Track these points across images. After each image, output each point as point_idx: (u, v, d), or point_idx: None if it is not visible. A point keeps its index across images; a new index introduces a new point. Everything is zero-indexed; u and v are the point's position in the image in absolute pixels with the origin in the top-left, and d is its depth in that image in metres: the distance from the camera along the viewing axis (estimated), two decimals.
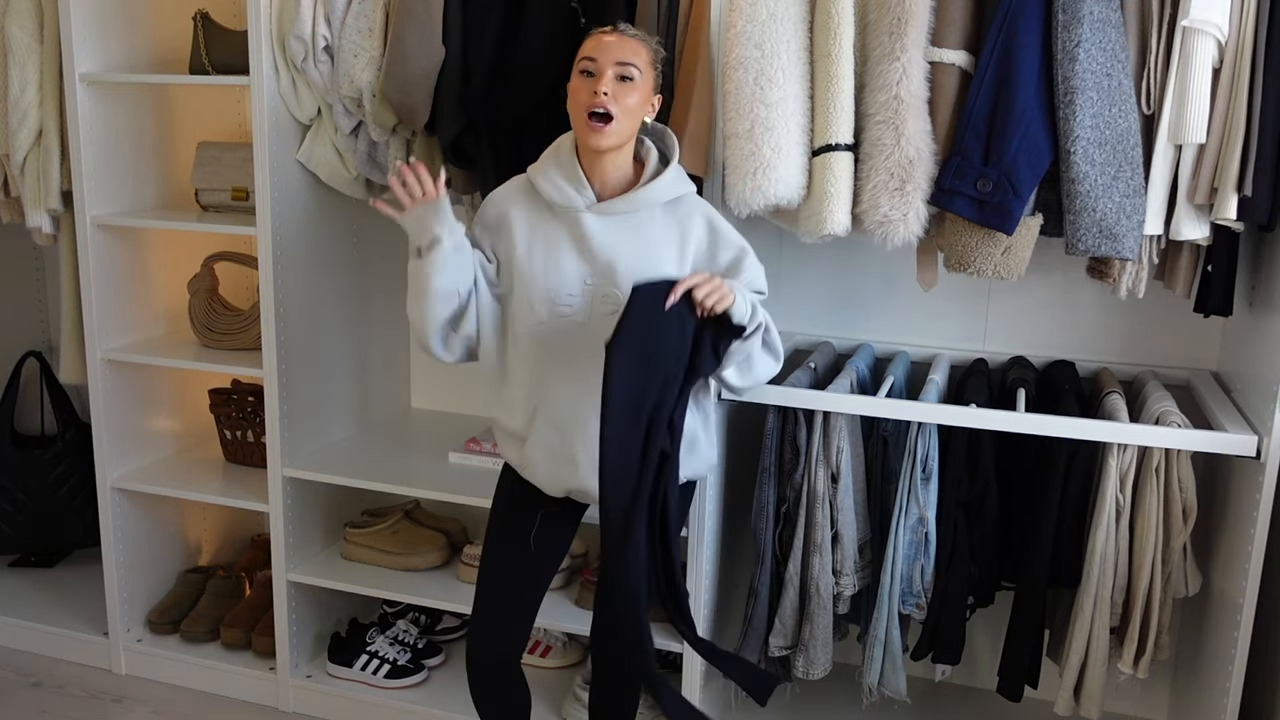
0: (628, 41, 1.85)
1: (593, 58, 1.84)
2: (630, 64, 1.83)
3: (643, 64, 1.85)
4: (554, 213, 1.93)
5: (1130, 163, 1.95)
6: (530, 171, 1.97)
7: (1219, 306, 2.11)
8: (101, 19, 2.62)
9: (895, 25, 1.98)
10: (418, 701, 2.64)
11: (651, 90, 1.89)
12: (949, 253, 2.09)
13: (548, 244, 1.92)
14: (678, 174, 1.95)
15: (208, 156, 2.79)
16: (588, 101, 1.83)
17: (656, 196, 1.91)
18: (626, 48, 1.84)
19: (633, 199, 1.90)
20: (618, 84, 1.83)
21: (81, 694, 2.77)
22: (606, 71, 1.82)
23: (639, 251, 1.90)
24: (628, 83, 1.83)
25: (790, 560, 2.27)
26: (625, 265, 1.89)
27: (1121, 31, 1.95)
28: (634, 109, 1.85)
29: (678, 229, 1.92)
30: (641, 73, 1.85)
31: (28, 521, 3.12)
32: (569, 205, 1.91)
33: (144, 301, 2.85)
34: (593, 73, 1.84)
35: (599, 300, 1.90)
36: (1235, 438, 2.00)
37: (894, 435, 2.28)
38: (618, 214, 1.91)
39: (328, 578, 2.67)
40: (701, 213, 1.95)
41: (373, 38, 2.35)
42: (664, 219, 1.92)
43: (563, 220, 1.93)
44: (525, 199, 1.96)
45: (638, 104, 1.85)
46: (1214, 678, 2.15)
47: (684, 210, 1.94)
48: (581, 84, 1.85)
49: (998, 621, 2.45)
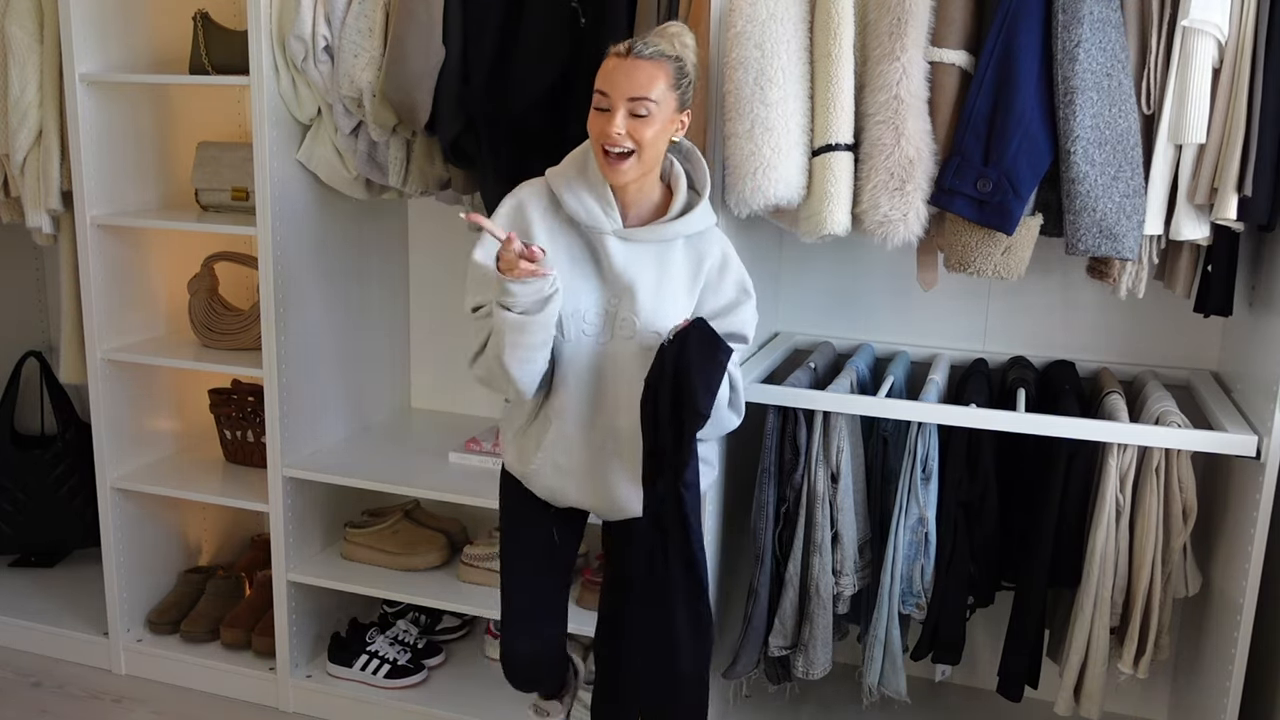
0: (640, 67, 1.72)
1: (604, 92, 1.74)
2: (643, 99, 1.71)
3: (660, 92, 1.73)
4: (576, 229, 1.88)
5: (1130, 163, 1.95)
6: (551, 179, 1.88)
7: (1219, 306, 2.11)
8: (101, 19, 2.62)
9: (895, 25, 1.97)
10: (418, 701, 2.64)
11: (674, 112, 1.78)
12: (949, 253, 2.09)
13: (572, 260, 1.87)
14: (707, 209, 1.90)
15: (208, 156, 2.79)
16: (601, 138, 1.74)
17: (684, 230, 1.87)
18: (639, 79, 1.71)
19: (660, 230, 1.85)
20: (631, 120, 1.72)
21: (81, 694, 2.77)
22: (619, 108, 1.72)
23: (658, 280, 1.86)
24: (642, 118, 1.72)
25: (790, 560, 2.27)
26: (644, 292, 1.85)
27: (1121, 31, 1.95)
28: (652, 140, 1.74)
29: (695, 259, 1.90)
30: (658, 102, 1.73)
31: (28, 521, 3.13)
32: (596, 227, 1.85)
33: (144, 301, 2.85)
34: (605, 108, 1.74)
35: (618, 325, 1.86)
36: (1235, 438, 2.00)
37: (894, 435, 2.28)
38: (642, 241, 1.87)
39: (328, 578, 2.67)
40: (720, 247, 1.92)
41: (373, 38, 2.34)
42: (685, 249, 1.90)
43: (585, 239, 1.87)
44: (547, 209, 1.88)
45: (656, 135, 1.74)
46: (1214, 678, 2.15)
47: (705, 242, 1.91)
48: (596, 117, 1.75)
49: (998, 621, 2.45)
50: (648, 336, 1.84)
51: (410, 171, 2.51)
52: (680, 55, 1.76)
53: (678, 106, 1.78)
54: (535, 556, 2.04)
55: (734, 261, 1.93)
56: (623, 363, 1.87)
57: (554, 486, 1.96)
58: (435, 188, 2.56)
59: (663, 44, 1.75)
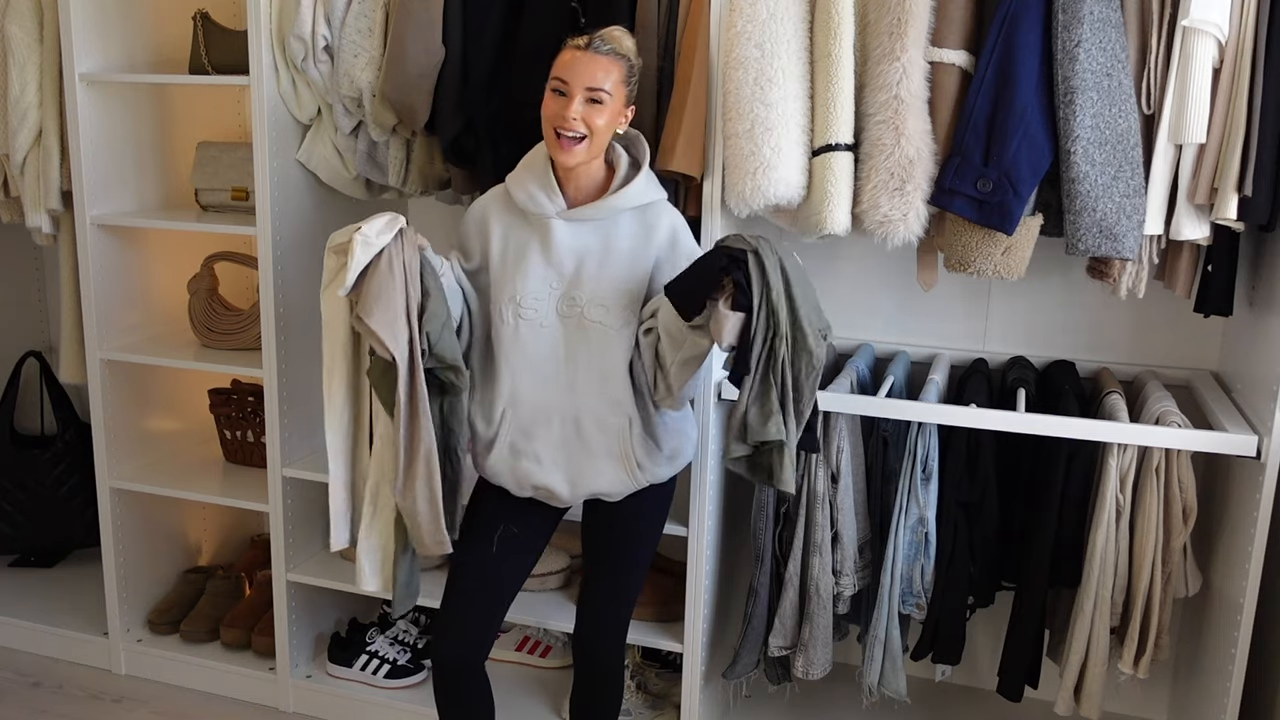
0: (598, 61, 1.86)
1: (564, 79, 1.86)
2: (599, 89, 1.85)
3: (613, 84, 1.87)
4: (527, 219, 1.97)
5: (1130, 163, 1.95)
6: (508, 179, 2.01)
7: (1219, 306, 2.11)
8: (101, 19, 2.61)
9: (895, 25, 1.98)
10: (418, 701, 2.64)
11: (623, 105, 1.92)
12: (949, 253, 2.09)
13: (517, 250, 1.97)
14: (648, 180, 1.98)
15: (208, 156, 2.79)
16: (557, 121, 1.86)
17: (626, 203, 1.95)
18: (597, 70, 1.85)
19: (602, 206, 1.94)
20: (587, 107, 1.86)
21: (81, 694, 2.77)
22: (576, 95, 1.85)
23: (601, 256, 1.94)
24: (597, 105, 1.86)
25: (790, 560, 2.27)
26: (590, 270, 1.94)
27: (1121, 31, 1.95)
28: (603, 128, 1.88)
29: (643, 231, 1.96)
30: (612, 94, 1.87)
31: (28, 521, 3.13)
32: (540, 212, 1.95)
33: (144, 301, 2.85)
34: (563, 93, 1.86)
35: (563, 304, 1.94)
36: (1235, 438, 2.01)
37: (894, 435, 2.28)
38: (587, 220, 1.95)
39: (328, 578, 2.67)
40: (668, 220, 1.98)
41: (373, 38, 2.34)
42: (631, 224, 1.96)
43: (534, 227, 1.97)
44: (503, 206, 2.01)
45: (607, 123, 1.88)
46: (1214, 678, 2.15)
47: (652, 215, 1.97)
48: (552, 101, 1.88)
49: (998, 621, 2.45)
50: (592, 312, 1.93)
51: (410, 171, 2.51)
52: (629, 56, 1.91)
53: (626, 101, 1.93)
54: (478, 572, 2.04)
55: (683, 233, 1.99)
56: (570, 341, 1.94)
57: (511, 468, 1.99)
58: (435, 188, 2.56)
59: (614, 44, 1.89)
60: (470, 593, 2.04)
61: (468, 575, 2.05)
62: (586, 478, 1.97)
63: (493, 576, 2.05)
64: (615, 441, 1.96)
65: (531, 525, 2.07)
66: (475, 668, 2.06)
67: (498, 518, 2.05)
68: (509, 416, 1.97)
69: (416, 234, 1.91)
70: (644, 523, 2.08)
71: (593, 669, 2.18)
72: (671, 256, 1.96)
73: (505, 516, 2.05)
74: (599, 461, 1.97)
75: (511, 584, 2.08)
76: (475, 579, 2.04)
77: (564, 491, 1.98)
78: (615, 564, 2.09)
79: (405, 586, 2.02)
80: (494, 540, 2.04)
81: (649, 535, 2.10)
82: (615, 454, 1.96)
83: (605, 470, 1.97)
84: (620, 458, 1.96)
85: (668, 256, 1.96)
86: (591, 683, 2.19)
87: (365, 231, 1.83)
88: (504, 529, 2.04)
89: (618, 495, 2.01)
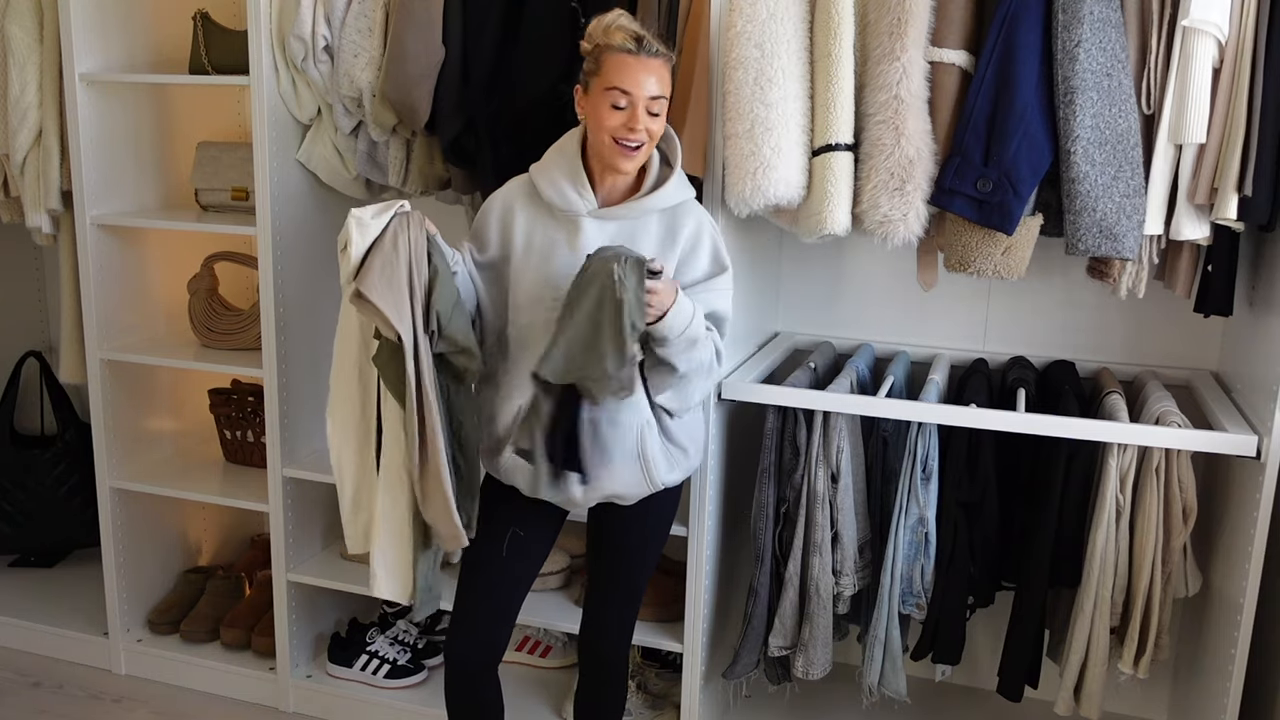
0: (653, 67, 1.81)
1: (626, 90, 1.80)
2: (660, 98, 1.83)
3: (668, 88, 1.85)
4: (553, 215, 1.92)
5: (1130, 163, 1.95)
6: (533, 171, 1.95)
7: (1219, 306, 2.11)
8: (101, 19, 2.62)
9: (895, 25, 1.97)
10: (418, 701, 2.64)
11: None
12: (949, 253, 2.09)
13: (543, 246, 1.92)
14: (680, 181, 1.94)
15: (208, 156, 2.79)
16: (621, 134, 1.82)
17: (658, 204, 1.91)
18: (656, 77, 1.81)
19: (635, 206, 1.90)
20: (647, 117, 1.82)
21: (81, 694, 2.77)
22: (640, 108, 1.81)
23: None
24: (656, 116, 1.83)
25: (790, 560, 2.27)
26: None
27: (1121, 31, 1.95)
28: (659, 132, 1.86)
29: (669, 230, 1.92)
30: (669, 100, 1.86)
31: (27, 521, 3.12)
32: (571, 210, 1.90)
33: (144, 301, 2.85)
34: (624, 105, 1.81)
35: None
36: (1235, 438, 2.00)
37: (894, 435, 2.28)
38: (618, 219, 1.91)
39: (328, 578, 2.67)
40: (695, 219, 1.94)
41: (373, 38, 2.34)
42: (658, 225, 1.93)
43: (561, 223, 1.92)
44: (527, 199, 1.95)
45: (661, 125, 1.86)
46: (1214, 678, 2.15)
47: (680, 213, 1.94)
48: (613, 114, 1.81)
49: (998, 621, 2.45)
50: None
51: (410, 171, 2.51)
52: (671, 54, 1.87)
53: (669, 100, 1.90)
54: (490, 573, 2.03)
55: (709, 232, 1.95)
56: None
57: (530, 470, 1.95)
58: (435, 187, 2.56)
59: (660, 44, 1.84)
60: (482, 592, 2.03)
61: (479, 575, 2.03)
62: (602, 480, 1.93)
63: (504, 577, 2.03)
64: (632, 443, 1.92)
65: (538, 527, 2.06)
66: (488, 670, 2.06)
67: (507, 519, 2.03)
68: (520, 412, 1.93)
69: (425, 219, 1.85)
70: (654, 524, 2.06)
71: (599, 670, 2.17)
72: (693, 254, 1.93)
73: (514, 518, 2.02)
74: (614, 463, 1.92)
75: (523, 584, 2.06)
76: (487, 579, 2.03)
77: (578, 494, 1.94)
78: (625, 565, 2.08)
79: (426, 590, 1.98)
80: (505, 542, 2.02)
81: (658, 536, 2.09)
82: (631, 456, 1.93)
83: (621, 473, 1.93)
84: (636, 460, 1.93)
85: (690, 253, 1.93)
86: (597, 683, 2.18)
87: (358, 213, 1.78)
88: (513, 531, 2.02)
89: (632, 499, 1.98)
